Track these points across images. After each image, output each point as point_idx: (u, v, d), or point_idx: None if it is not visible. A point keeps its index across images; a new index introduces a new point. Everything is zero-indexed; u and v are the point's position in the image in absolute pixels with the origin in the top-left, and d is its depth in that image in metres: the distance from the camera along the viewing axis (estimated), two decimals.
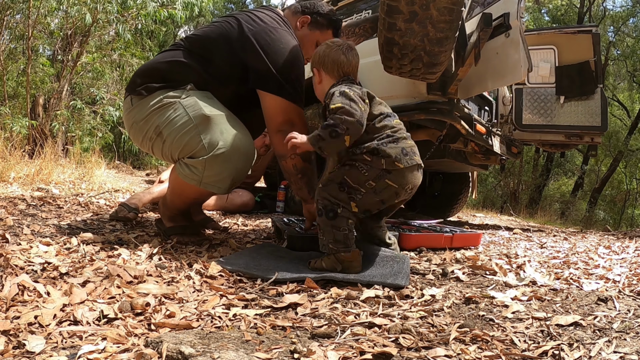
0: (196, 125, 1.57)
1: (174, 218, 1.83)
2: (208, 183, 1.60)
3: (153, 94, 1.64)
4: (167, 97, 1.62)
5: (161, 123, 1.61)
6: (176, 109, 1.60)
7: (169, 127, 1.60)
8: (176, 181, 1.70)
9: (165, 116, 1.61)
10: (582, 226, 7.65)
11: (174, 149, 1.63)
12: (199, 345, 0.81)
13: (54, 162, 3.92)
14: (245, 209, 3.09)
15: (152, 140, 1.66)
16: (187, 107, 1.60)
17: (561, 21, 12.66)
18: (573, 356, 0.82)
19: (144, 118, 1.65)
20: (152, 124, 1.63)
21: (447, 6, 1.84)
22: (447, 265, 1.56)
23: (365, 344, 0.86)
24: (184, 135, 1.58)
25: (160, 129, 1.62)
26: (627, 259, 1.84)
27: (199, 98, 1.63)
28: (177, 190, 1.74)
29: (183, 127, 1.58)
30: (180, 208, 1.82)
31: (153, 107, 1.63)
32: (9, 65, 7.48)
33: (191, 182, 1.61)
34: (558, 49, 3.75)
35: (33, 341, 0.82)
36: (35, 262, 1.24)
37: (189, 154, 1.60)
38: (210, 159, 1.55)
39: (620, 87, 15.64)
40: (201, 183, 1.60)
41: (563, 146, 4.18)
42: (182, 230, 1.81)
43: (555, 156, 12.18)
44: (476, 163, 3.58)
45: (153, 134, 1.64)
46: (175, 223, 1.82)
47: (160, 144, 1.65)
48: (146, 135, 1.67)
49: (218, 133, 1.57)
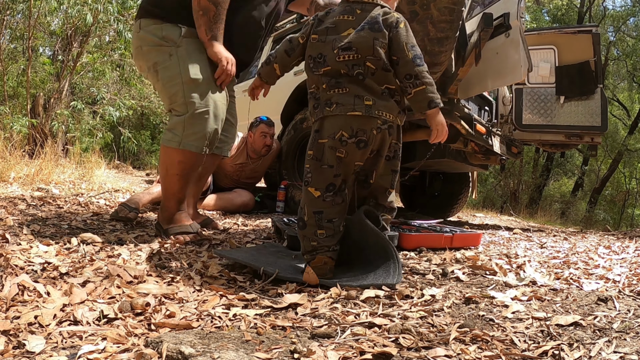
0: (182, 82, 1.76)
1: (172, 219, 1.85)
2: (187, 142, 1.76)
3: (155, 25, 1.80)
4: (165, 39, 1.79)
5: (159, 62, 1.80)
6: (171, 56, 1.78)
7: (163, 72, 1.79)
8: (161, 161, 1.87)
9: (162, 58, 1.79)
10: (582, 226, 7.65)
11: (164, 94, 1.84)
12: (199, 345, 0.81)
13: (54, 162, 3.92)
14: (245, 209, 3.08)
15: (152, 74, 1.85)
16: (179, 58, 1.78)
17: (561, 21, 12.66)
18: (573, 356, 0.82)
19: (148, 49, 1.82)
20: (152, 59, 1.82)
21: (448, 6, 1.85)
22: (447, 265, 1.56)
23: (365, 344, 0.86)
24: (173, 87, 1.77)
25: (157, 67, 1.81)
26: (627, 259, 1.84)
27: (190, 52, 1.78)
28: (163, 171, 1.85)
29: (173, 78, 1.77)
30: (175, 197, 1.84)
31: (154, 43, 1.80)
32: (9, 65, 7.48)
33: (173, 145, 1.76)
34: (558, 49, 3.75)
35: (33, 341, 0.82)
36: (35, 262, 1.24)
37: (172, 105, 1.79)
38: (189, 118, 1.75)
39: (620, 87, 15.63)
40: (181, 144, 1.75)
41: (563, 146, 4.18)
42: (180, 229, 1.82)
43: (555, 156, 12.17)
44: (476, 163, 3.57)
45: (152, 69, 1.83)
46: (173, 224, 1.84)
47: (156, 81, 1.86)
48: (148, 66, 1.85)
49: (198, 95, 1.76)
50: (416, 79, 1.34)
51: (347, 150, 1.34)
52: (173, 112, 1.81)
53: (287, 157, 3.38)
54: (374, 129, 1.34)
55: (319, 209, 1.34)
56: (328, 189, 1.34)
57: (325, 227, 1.33)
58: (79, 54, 7.32)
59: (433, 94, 1.36)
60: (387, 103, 1.37)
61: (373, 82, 1.36)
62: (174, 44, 1.78)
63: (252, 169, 3.27)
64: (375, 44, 1.35)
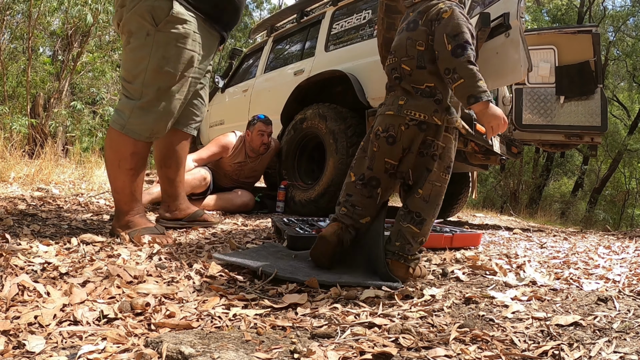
0: (147, 69, 1.68)
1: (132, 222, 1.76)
2: (130, 129, 1.70)
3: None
4: (152, 12, 1.66)
5: (134, 31, 1.70)
6: (148, 37, 1.68)
7: (134, 43, 1.70)
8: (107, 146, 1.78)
9: (138, 32, 1.69)
10: (582, 226, 7.65)
11: (126, 65, 1.74)
12: (199, 345, 0.81)
13: (54, 162, 3.92)
14: (245, 209, 3.09)
15: (125, 36, 1.76)
16: (155, 43, 1.68)
17: (561, 21, 12.66)
18: (573, 356, 0.82)
19: (130, 14, 1.69)
20: (129, 24, 1.71)
21: None
22: (447, 265, 1.56)
23: (365, 344, 0.86)
24: (136, 67, 1.70)
25: (130, 36, 1.72)
26: (627, 259, 1.84)
27: (168, 41, 1.70)
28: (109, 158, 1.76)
29: (140, 60, 1.69)
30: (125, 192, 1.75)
31: (140, 10, 1.67)
32: (9, 65, 7.48)
33: (116, 127, 1.70)
34: (558, 49, 3.75)
35: (33, 341, 0.82)
36: (35, 262, 1.24)
37: (128, 83, 1.72)
38: (138, 107, 1.69)
39: (620, 87, 15.63)
40: (124, 127, 1.70)
41: (563, 146, 4.18)
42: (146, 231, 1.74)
43: (555, 156, 12.17)
44: (476, 163, 3.57)
45: (127, 32, 1.73)
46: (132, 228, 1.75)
47: (125, 44, 1.76)
48: (123, 26, 1.74)
49: (156, 88, 1.70)
50: (454, 72, 1.28)
51: (379, 144, 1.41)
52: (125, 91, 1.74)
53: (287, 157, 3.38)
54: (402, 124, 1.37)
55: (351, 192, 1.46)
56: (360, 178, 1.45)
57: (348, 208, 1.44)
58: (79, 53, 7.32)
59: (474, 87, 1.27)
60: (418, 102, 1.37)
61: (409, 84, 1.39)
62: (154, 25, 1.67)
63: (251, 167, 3.27)
64: (407, 44, 1.38)
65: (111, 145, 1.75)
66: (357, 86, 2.98)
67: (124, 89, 1.75)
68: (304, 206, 3.07)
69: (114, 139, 1.74)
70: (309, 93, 3.43)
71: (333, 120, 3.00)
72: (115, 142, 1.74)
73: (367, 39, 3.18)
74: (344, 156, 2.89)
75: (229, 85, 4.91)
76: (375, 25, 3.08)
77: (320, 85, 3.37)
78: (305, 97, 3.44)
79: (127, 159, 1.72)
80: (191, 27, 1.73)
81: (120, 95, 1.76)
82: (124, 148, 1.72)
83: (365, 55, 3.07)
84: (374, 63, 2.78)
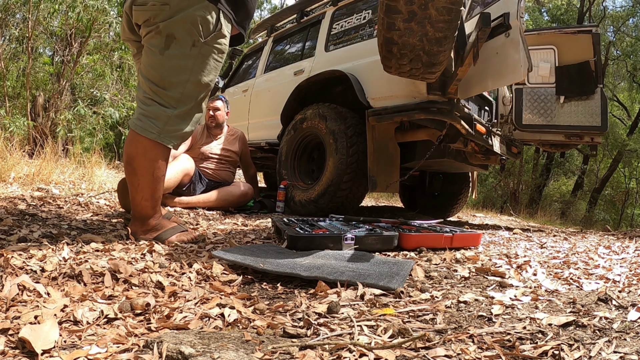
0: (189, 80, 1.65)
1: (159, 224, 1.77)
2: (166, 137, 1.66)
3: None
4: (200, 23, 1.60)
5: (177, 37, 1.61)
6: (194, 47, 1.62)
7: (176, 50, 1.61)
8: (132, 153, 1.67)
9: (184, 39, 1.61)
10: (582, 226, 7.65)
11: (158, 70, 1.63)
12: (199, 345, 0.81)
13: (54, 162, 3.92)
14: (245, 199, 3.19)
15: (161, 37, 1.62)
16: (200, 54, 1.64)
17: (561, 21, 12.66)
18: (573, 356, 0.82)
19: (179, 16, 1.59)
20: (174, 28, 1.60)
21: (446, 6, 1.84)
22: (447, 265, 1.56)
23: (365, 344, 0.86)
24: (176, 76, 1.63)
25: (172, 42, 1.61)
26: (627, 259, 1.84)
27: (213, 54, 1.67)
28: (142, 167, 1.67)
29: (182, 69, 1.63)
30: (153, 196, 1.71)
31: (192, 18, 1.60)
32: (10, 65, 7.48)
33: (151, 136, 1.63)
34: (558, 49, 3.76)
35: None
36: (35, 262, 1.24)
37: (162, 90, 1.64)
38: (176, 115, 1.66)
39: (620, 87, 15.63)
40: (160, 136, 1.65)
41: (563, 146, 4.19)
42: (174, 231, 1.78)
43: (555, 156, 12.18)
44: (476, 163, 3.58)
45: (168, 36, 1.61)
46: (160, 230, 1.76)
47: (161, 47, 1.62)
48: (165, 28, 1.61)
49: (197, 100, 1.70)
50: None
51: None
52: (155, 97, 1.65)
53: (287, 157, 3.38)
54: None
55: None
56: None
57: None
58: (79, 54, 7.33)
59: None
60: None
61: None
62: (202, 38, 1.63)
63: (219, 145, 3.47)
64: None
65: (145, 154, 1.67)
66: (357, 86, 2.98)
67: (155, 94, 1.66)
68: (304, 206, 3.07)
69: (148, 148, 1.66)
70: (309, 93, 3.43)
71: (333, 120, 3.00)
72: (149, 150, 1.66)
73: (367, 39, 3.18)
74: (344, 156, 2.89)
75: (229, 85, 4.92)
76: (375, 25, 3.08)
77: (320, 85, 3.37)
78: (305, 97, 3.45)
79: (162, 166, 1.69)
80: (227, 42, 1.74)
81: (145, 99, 1.66)
82: (159, 156, 1.68)
83: (365, 55, 3.07)
84: (374, 63, 2.78)
